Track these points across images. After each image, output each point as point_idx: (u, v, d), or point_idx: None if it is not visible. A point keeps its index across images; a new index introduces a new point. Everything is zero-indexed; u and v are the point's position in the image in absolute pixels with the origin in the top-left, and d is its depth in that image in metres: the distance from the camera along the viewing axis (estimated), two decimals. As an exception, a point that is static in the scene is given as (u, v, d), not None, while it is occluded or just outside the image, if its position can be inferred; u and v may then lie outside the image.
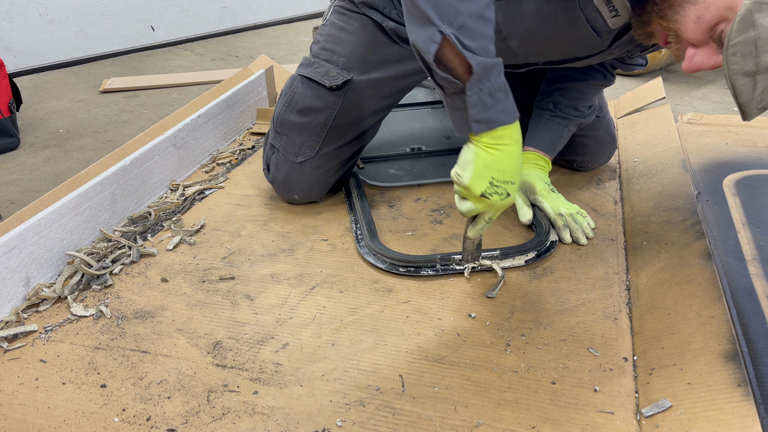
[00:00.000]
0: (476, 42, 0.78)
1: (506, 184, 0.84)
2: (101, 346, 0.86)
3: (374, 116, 1.19)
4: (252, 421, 0.73)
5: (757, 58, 0.72)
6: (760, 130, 1.50)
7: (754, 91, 0.74)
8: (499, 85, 0.80)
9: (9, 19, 2.42)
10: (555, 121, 1.18)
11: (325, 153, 1.16)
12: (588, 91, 1.19)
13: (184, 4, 2.98)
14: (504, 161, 0.82)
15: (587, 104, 1.19)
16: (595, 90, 1.20)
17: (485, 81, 0.78)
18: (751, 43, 0.72)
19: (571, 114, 1.17)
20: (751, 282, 0.95)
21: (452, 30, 0.76)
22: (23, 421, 0.74)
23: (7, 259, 0.91)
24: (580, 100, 1.18)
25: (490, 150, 0.82)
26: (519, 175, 0.85)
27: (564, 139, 1.19)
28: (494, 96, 0.80)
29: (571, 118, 1.18)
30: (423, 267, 1.00)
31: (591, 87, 1.19)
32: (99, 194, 1.10)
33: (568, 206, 1.11)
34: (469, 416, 0.73)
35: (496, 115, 0.80)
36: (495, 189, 0.83)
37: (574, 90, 1.18)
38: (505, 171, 0.83)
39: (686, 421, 0.69)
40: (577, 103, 1.17)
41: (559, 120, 1.18)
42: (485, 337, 0.86)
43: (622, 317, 0.89)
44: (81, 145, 1.78)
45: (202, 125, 1.42)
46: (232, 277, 1.01)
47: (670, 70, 2.41)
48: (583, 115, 1.19)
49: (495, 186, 0.83)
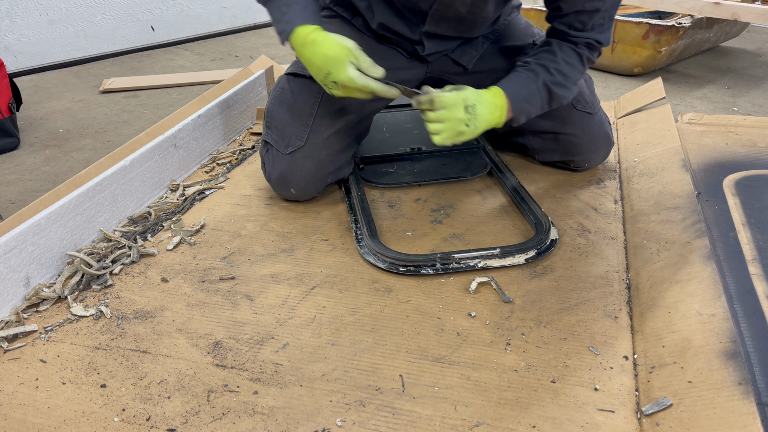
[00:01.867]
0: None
1: (326, 79, 0.99)
2: (101, 346, 0.86)
3: (360, 107, 1.21)
4: (252, 421, 0.73)
5: None
6: (760, 130, 1.50)
7: None
8: (284, 1, 1.01)
9: (9, 19, 2.42)
10: (525, 74, 1.12)
11: (314, 142, 1.17)
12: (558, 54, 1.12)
13: (184, 4, 2.98)
14: (310, 61, 1.00)
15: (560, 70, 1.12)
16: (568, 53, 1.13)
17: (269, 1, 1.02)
18: None
19: (541, 71, 1.11)
20: (751, 282, 0.95)
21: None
22: (23, 421, 0.74)
23: (7, 259, 0.91)
24: (552, 62, 1.12)
25: (301, 57, 1.01)
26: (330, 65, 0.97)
27: (530, 93, 1.10)
28: (280, 10, 1.01)
29: (539, 73, 1.11)
30: (423, 266, 1.00)
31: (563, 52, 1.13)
32: (99, 194, 1.10)
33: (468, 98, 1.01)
34: (469, 415, 0.73)
35: (284, 25, 1.01)
36: (325, 87, 1.01)
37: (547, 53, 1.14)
38: (318, 68, 0.99)
39: (687, 419, 0.69)
40: (548, 64, 1.12)
41: (529, 73, 1.11)
42: (485, 336, 0.86)
43: (622, 316, 0.89)
44: (81, 145, 1.78)
45: (202, 125, 1.42)
46: (232, 277, 1.01)
47: (670, 70, 2.41)
48: (555, 80, 1.11)
49: (324, 86, 1.02)
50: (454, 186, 1.29)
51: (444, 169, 1.34)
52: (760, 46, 2.75)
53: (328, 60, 0.98)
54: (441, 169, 1.34)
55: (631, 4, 2.29)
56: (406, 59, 1.25)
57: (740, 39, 2.84)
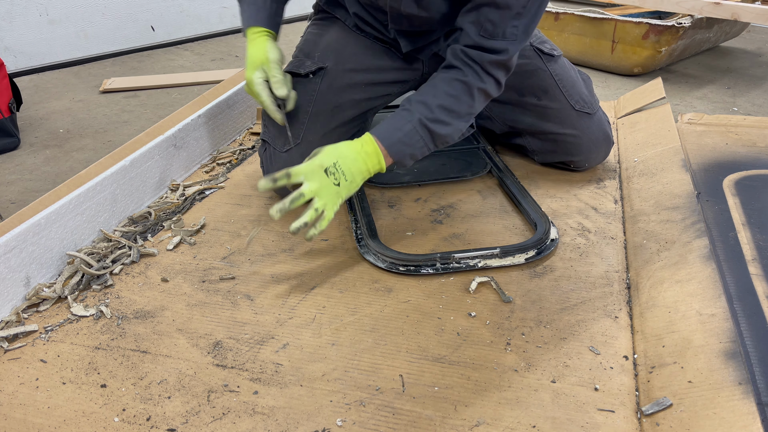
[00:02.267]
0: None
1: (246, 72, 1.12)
2: (101, 346, 0.86)
3: (356, 107, 1.22)
4: (252, 421, 0.73)
5: None
6: (760, 130, 1.50)
7: None
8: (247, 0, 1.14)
9: (9, 19, 2.42)
10: (401, 114, 1.01)
11: (310, 140, 1.17)
12: (439, 88, 1.01)
13: (184, 4, 2.98)
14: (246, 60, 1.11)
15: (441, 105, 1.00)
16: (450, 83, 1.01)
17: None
18: None
19: (417, 109, 1.00)
20: (751, 282, 0.95)
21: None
22: (23, 421, 0.74)
23: (7, 259, 0.91)
24: (433, 97, 1.00)
25: None
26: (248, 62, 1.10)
27: (407, 135, 0.99)
28: (242, 8, 1.14)
29: (416, 114, 0.99)
30: (423, 266, 1.00)
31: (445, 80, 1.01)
32: (99, 194, 1.10)
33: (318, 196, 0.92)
34: (469, 415, 0.73)
35: (242, 23, 1.15)
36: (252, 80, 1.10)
37: (429, 87, 1.03)
38: (247, 66, 1.11)
39: (687, 419, 0.69)
40: (429, 100, 1.00)
41: (405, 114, 1.01)
42: (485, 336, 0.86)
43: (622, 315, 0.89)
44: (81, 145, 1.78)
45: (202, 125, 1.42)
46: (232, 277, 1.01)
47: (670, 70, 2.41)
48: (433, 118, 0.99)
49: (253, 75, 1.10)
50: (454, 186, 1.29)
51: (444, 169, 1.34)
52: (760, 46, 2.75)
53: (249, 57, 1.11)
54: (441, 169, 1.34)
55: (631, 4, 2.29)
56: (401, 60, 1.25)
57: (740, 39, 2.84)
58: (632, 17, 2.26)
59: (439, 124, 1.00)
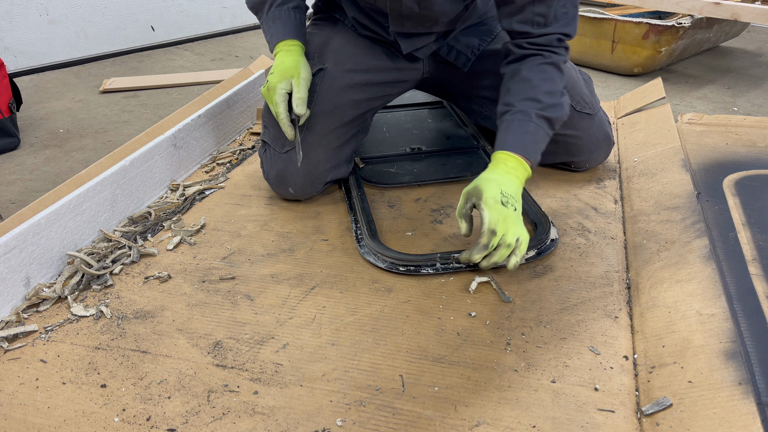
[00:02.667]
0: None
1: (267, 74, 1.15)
2: (101, 346, 0.86)
3: (356, 107, 1.22)
4: (252, 421, 0.73)
5: None
6: (760, 130, 1.50)
7: None
8: (271, 17, 1.16)
9: (9, 19, 2.42)
10: (515, 117, 1.04)
11: (310, 141, 1.17)
12: (532, 77, 1.05)
13: (184, 4, 2.98)
14: (274, 66, 1.13)
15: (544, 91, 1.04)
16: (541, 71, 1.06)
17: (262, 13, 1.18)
18: None
19: (530, 106, 1.04)
20: (751, 282, 0.95)
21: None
22: (23, 421, 0.74)
23: (7, 259, 0.91)
24: (532, 89, 1.05)
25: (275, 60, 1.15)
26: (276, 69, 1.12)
27: (533, 134, 1.03)
28: (268, 24, 1.17)
29: (528, 110, 1.03)
30: (423, 266, 1.00)
31: (534, 70, 1.06)
32: (99, 194, 1.10)
33: (509, 230, 0.93)
34: (469, 415, 0.73)
35: (269, 37, 1.17)
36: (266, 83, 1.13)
37: (521, 83, 1.06)
38: (273, 67, 1.13)
39: (687, 419, 0.69)
40: (530, 93, 1.04)
41: (519, 115, 1.04)
42: (485, 336, 0.86)
43: (622, 315, 0.89)
44: (81, 145, 1.78)
45: (202, 125, 1.42)
46: (233, 277, 1.01)
47: (670, 70, 2.41)
48: (545, 106, 1.04)
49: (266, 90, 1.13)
50: (454, 186, 1.29)
51: (444, 169, 1.34)
52: (760, 46, 2.75)
53: (280, 64, 1.12)
54: (441, 169, 1.34)
55: (631, 4, 2.29)
56: (401, 60, 1.25)
57: (740, 39, 2.84)
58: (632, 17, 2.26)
59: (552, 109, 1.05)
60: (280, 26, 1.15)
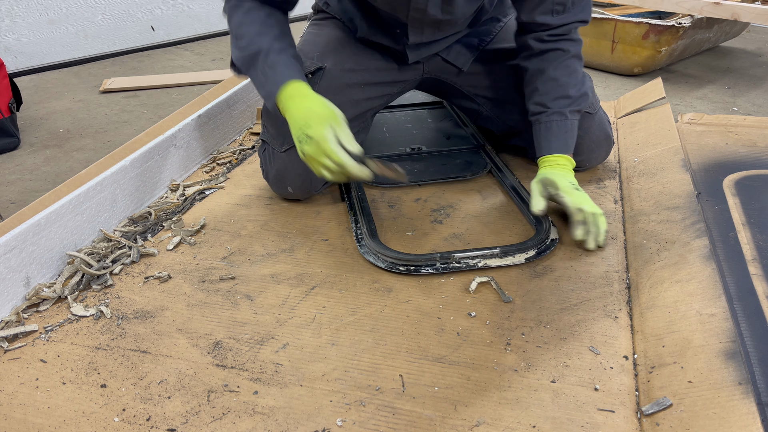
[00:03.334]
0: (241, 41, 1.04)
1: (301, 132, 0.97)
2: (101, 346, 0.86)
3: (356, 107, 1.22)
4: (252, 421, 0.73)
5: None
6: (760, 130, 1.50)
7: None
8: (268, 64, 1.01)
9: (9, 19, 2.42)
10: (553, 119, 1.14)
11: None
12: (559, 75, 1.13)
13: (184, 4, 2.98)
14: (292, 112, 0.99)
15: (571, 86, 1.13)
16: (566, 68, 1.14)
17: (253, 69, 1.03)
18: None
19: (563, 105, 1.13)
20: (751, 282, 0.95)
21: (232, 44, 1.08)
22: (23, 421, 0.74)
23: (7, 259, 0.91)
24: (561, 87, 1.13)
25: (286, 110, 1.00)
26: (311, 118, 0.96)
27: (572, 131, 1.14)
28: (265, 74, 1.02)
29: (563, 109, 1.13)
30: (423, 266, 1.00)
31: (559, 68, 1.14)
32: (99, 194, 1.10)
33: (591, 205, 1.06)
34: (469, 415, 0.73)
35: (270, 87, 1.01)
36: (299, 146, 0.98)
37: (549, 82, 1.14)
38: (297, 118, 0.97)
39: (687, 419, 0.69)
40: (560, 91, 1.13)
41: (556, 116, 1.13)
42: (485, 336, 0.86)
43: (622, 315, 0.89)
44: (81, 145, 1.78)
45: (202, 125, 1.42)
46: (233, 277, 1.01)
47: (670, 70, 2.41)
48: (575, 100, 1.13)
49: (299, 144, 0.98)
50: (454, 186, 1.29)
51: (444, 169, 1.34)
52: (760, 46, 2.75)
53: (310, 113, 0.96)
54: (441, 169, 1.34)
55: (631, 4, 2.29)
56: (402, 59, 1.25)
57: (740, 39, 2.85)
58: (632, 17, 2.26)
59: (580, 100, 1.13)
60: (284, 70, 1.01)
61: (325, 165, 0.95)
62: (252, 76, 1.04)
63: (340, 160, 0.94)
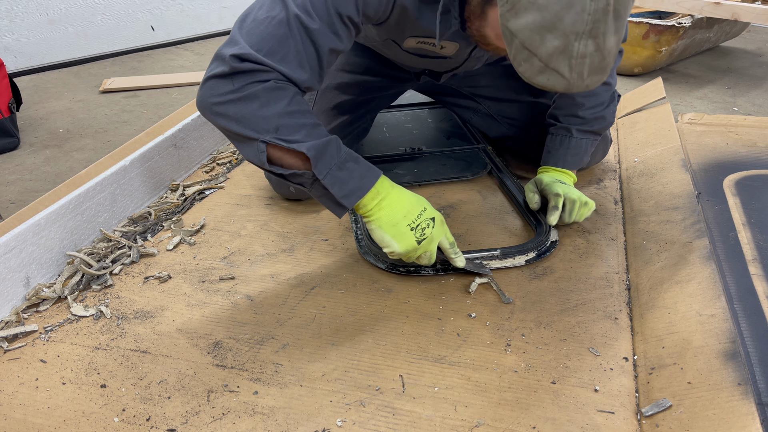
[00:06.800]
0: (298, 133, 0.82)
1: (420, 218, 0.89)
2: (101, 346, 0.86)
3: (356, 107, 1.22)
4: (252, 421, 0.73)
5: (538, 55, 0.72)
6: (760, 130, 1.50)
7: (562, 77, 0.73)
8: (344, 157, 0.85)
9: (9, 19, 2.42)
10: (558, 133, 1.17)
11: None
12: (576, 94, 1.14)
13: (184, 4, 2.98)
14: (400, 206, 0.88)
15: (587, 107, 1.15)
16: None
17: (327, 159, 0.83)
18: (522, 49, 0.73)
19: (572, 122, 1.15)
20: (751, 282, 0.95)
21: (270, 135, 0.81)
22: (23, 421, 0.74)
23: (7, 259, 0.91)
24: (575, 106, 1.15)
25: (380, 211, 0.87)
26: (420, 201, 0.90)
27: (575, 149, 1.16)
28: (345, 168, 0.84)
29: (570, 126, 1.15)
30: (423, 267, 1.00)
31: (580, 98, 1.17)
32: (99, 194, 1.10)
33: (573, 193, 1.08)
34: (469, 416, 0.73)
35: (357, 183, 0.85)
36: (420, 230, 0.89)
37: (566, 98, 1.17)
38: (409, 212, 0.88)
39: (686, 420, 0.69)
40: (573, 110, 1.15)
41: (562, 131, 1.16)
42: (485, 336, 0.86)
43: (622, 317, 0.89)
44: (81, 145, 1.78)
45: (202, 125, 1.42)
46: (232, 277, 1.01)
47: (670, 70, 2.41)
48: (586, 121, 1.15)
49: (417, 229, 0.88)
50: (454, 186, 1.29)
51: (444, 169, 1.34)
52: (760, 46, 2.75)
53: (415, 199, 0.90)
54: (441, 169, 1.34)
55: (632, 4, 2.29)
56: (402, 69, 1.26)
57: (740, 39, 2.84)
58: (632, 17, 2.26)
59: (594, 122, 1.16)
60: (366, 162, 0.88)
61: (441, 245, 0.92)
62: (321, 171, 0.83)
63: (452, 240, 0.94)
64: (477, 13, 0.83)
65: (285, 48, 0.81)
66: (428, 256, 0.92)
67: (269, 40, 0.81)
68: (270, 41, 0.80)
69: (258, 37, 0.81)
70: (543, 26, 0.69)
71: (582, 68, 0.72)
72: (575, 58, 0.71)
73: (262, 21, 0.81)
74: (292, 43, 0.81)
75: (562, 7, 0.68)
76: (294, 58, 0.81)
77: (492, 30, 0.82)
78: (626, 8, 0.71)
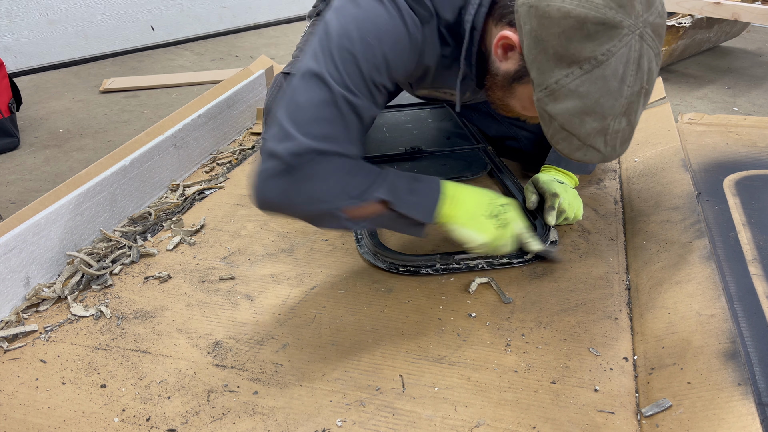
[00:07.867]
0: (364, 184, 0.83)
1: (493, 206, 0.91)
2: (101, 346, 0.86)
3: None
4: (252, 421, 0.73)
5: (576, 135, 0.73)
6: (760, 130, 1.50)
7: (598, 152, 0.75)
8: (406, 181, 0.86)
9: (9, 19, 2.42)
10: None
11: None
12: None
13: (184, 4, 2.98)
14: (471, 200, 0.90)
15: None
16: None
17: (399, 192, 0.84)
18: (561, 130, 0.74)
19: None
20: (751, 282, 0.95)
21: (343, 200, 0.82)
22: (23, 421, 0.74)
23: (7, 259, 0.91)
24: None
25: (455, 210, 0.89)
26: (486, 191, 0.93)
27: None
28: (414, 191, 0.87)
29: None
30: (423, 267, 1.00)
31: None
32: (99, 194, 1.10)
33: (567, 194, 1.09)
34: (469, 416, 0.73)
35: (428, 199, 0.88)
36: (497, 218, 0.91)
37: None
38: (480, 202, 0.91)
39: (686, 420, 0.69)
40: None
41: None
42: (485, 336, 0.86)
43: (622, 317, 0.89)
44: (81, 145, 1.78)
45: (202, 125, 1.42)
46: (232, 277, 1.01)
47: (670, 70, 2.41)
48: None
49: (494, 217, 0.91)
50: (454, 186, 1.29)
51: (444, 169, 1.34)
52: (760, 46, 2.75)
53: (483, 191, 0.93)
54: (441, 169, 1.34)
55: (632, 4, 2.29)
56: None
57: (740, 39, 2.84)
58: (632, 17, 2.25)
59: None
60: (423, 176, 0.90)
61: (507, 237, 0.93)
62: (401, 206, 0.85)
63: (524, 236, 0.96)
64: (502, 86, 0.84)
65: (336, 130, 0.80)
66: (511, 241, 0.94)
67: (321, 124, 0.79)
68: (321, 125, 0.79)
69: (308, 124, 0.79)
70: (583, 111, 0.71)
71: (615, 142, 0.75)
72: (610, 134, 0.74)
73: (307, 106, 0.79)
74: (342, 123, 0.80)
75: (602, 95, 0.70)
76: (345, 137, 0.81)
77: (518, 102, 0.83)
78: (653, 85, 0.73)
